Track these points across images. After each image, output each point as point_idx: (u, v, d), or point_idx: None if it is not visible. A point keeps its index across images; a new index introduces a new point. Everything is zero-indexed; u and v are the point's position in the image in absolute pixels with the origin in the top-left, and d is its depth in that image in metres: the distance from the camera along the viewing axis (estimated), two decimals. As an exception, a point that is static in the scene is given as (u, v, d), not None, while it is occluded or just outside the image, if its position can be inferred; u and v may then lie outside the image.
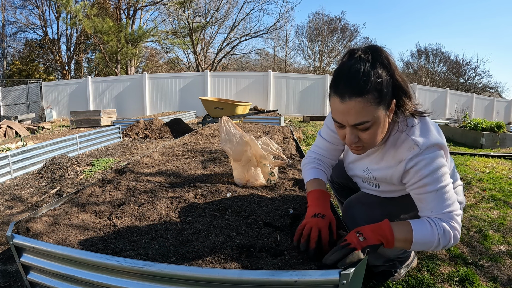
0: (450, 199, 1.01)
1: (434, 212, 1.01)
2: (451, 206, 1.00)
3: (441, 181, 1.00)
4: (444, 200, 1.00)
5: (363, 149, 1.04)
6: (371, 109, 0.92)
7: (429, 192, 1.01)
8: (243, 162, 1.68)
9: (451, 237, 0.99)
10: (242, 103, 6.90)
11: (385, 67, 0.94)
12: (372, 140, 1.00)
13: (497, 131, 5.55)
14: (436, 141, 1.02)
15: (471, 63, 23.62)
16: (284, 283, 0.86)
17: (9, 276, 1.42)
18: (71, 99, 11.64)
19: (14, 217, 2.17)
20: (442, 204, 1.00)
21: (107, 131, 5.02)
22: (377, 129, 0.97)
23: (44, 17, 18.31)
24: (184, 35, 17.78)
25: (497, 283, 1.39)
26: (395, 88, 0.97)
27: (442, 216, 1.00)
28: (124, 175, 1.98)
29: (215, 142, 3.06)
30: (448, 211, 1.00)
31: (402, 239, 0.99)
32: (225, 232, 1.18)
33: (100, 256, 0.99)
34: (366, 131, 0.97)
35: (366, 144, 1.01)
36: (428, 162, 1.00)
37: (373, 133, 0.98)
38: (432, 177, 1.00)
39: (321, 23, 21.79)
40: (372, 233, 0.99)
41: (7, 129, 6.62)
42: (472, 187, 2.78)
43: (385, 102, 0.94)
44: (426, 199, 1.03)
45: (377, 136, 1.00)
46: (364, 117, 0.93)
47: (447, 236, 0.98)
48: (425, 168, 1.00)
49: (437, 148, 1.02)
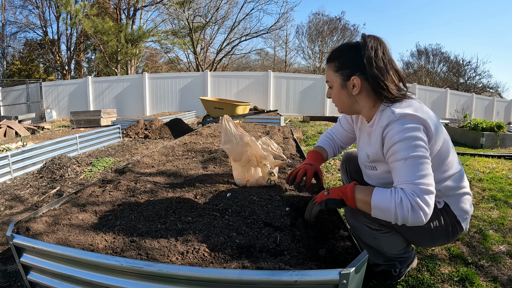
0: (420, 171, 0.99)
1: (400, 181, 1.02)
2: (419, 178, 0.98)
3: (412, 151, 1.01)
4: (412, 171, 1.00)
5: (336, 106, 1.29)
6: (331, 73, 1.22)
7: (398, 160, 1.03)
8: (243, 162, 1.68)
9: (408, 208, 0.96)
10: (242, 103, 6.90)
11: (360, 52, 1.13)
12: (334, 99, 1.26)
13: (497, 131, 5.55)
14: (413, 113, 1.06)
15: (471, 63, 23.63)
16: (284, 283, 0.86)
17: (9, 276, 1.42)
18: (71, 99, 11.64)
19: (14, 217, 2.17)
20: (409, 174, 1.00)
21: (107, 131, 5.02)
22: (335, 92, 1.23)
23: (44, 17, 18.33)
24: (184, 35, 17.77)
25: (497, 283, 1.38)
26: (363, 68, 1.13)
27: (406, 187, 0.99)
28: (124, 175, 1.98)
29: (215, 142, 3.06)
30: (413, 183, 0.98)
31: (362, 199, 1.07)
32: (225, 232, 1.18)
33: (100, 256, 0.99)
34: (330, 89, 1.25)
35: (333, 100, 1.27)
36: (400, 130, 1.04)
37: (333, 94, 1.25)
38: (403, 145, 1.03)
39: (321, 23, 21.81)
40: (336, 190, 1.16)
41: (7, 129, 6.62)
42: (472, 187, 2.78)
43: (342, 73, 1.18)
44: (395, 168, 1.05)
45: (336, 96, 1.24)
46: (327, 77, 1.25)
47: (404, 206, 0.96)
48: (396, 135, 1.04)
49: (414, 120, 1.05)
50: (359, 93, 1.17)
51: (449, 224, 1.20)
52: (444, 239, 1.23)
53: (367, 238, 1.23)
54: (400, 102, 1.13)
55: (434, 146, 1.11)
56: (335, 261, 1.04)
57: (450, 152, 1.19)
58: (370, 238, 1.22)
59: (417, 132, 1.03)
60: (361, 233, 1.23)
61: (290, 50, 22.89)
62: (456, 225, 1.20)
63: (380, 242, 1.22)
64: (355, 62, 1.14)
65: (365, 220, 1.20)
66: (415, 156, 1.01)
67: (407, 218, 0.97)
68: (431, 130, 1.08)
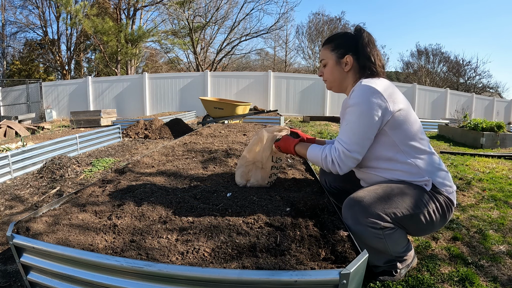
0: (352, 136, 1.27)
1: (338, 137, 1.34)
2: (348, 141, 1.28)
3: (356, 116, 1.26)
4: (347, 133, 1.29)
5: (326, 82, 1.50)
6: (327, 52, 1.45)
7: (345, 120, 1.31)
8: (250, 158, 1.68)
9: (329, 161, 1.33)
10: (242, 103, 6.89)
11: (344, 39, 1.43)
12: (328, 74, 1.46)
13: (497, 131, 5.55)
14: (374, 86, 1.25)
15: (471, 63, 23.65)
16: (284, 283, 0.86)
17: (9, 276, 1.42)
18: (71, 99, 11.64)
19: (14, 217, 2.17)
20: (344, 135, 1.30)
21: (107, 131, 5.02)
22: (329, 68, 1.45)
23: (44, 17, 18.34)
24: (184, 35, 17.77)
25: (497, 283, 1.38)
26: (356, 49, 1.40)
27: (337, 144, 1.32)
28: (124, 175, 1.98)
29: (215, 142, 3.06)
30: (342, 142, 1.30)
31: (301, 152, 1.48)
32: (225, 232, 1.18)
33: (100, 256, 0.99)
34: (324, 68, 1.47)
35: (325, 76, 1.48)
36: (357, 94, 1.27)
37: (327, 70, 1.46)
38: (353, 109, 1.27)
39: (321, 23, 21.81)
40: (283, 143, 1.54)
41: (7, 129, 6.62)
42: (472, 187, 2.78)
43: (338, 52, 1.42)
44: (341, 125, 1.38)
45: (330, 72, 1.45)
46: (322, 55, 1.48)
47: (327, 160, 1.34)
48: (352, 99, 1.29)
49: (373, 89, 1.25)
50: (349, 70, 1.41)
51: (442, 203, 1.28)
52: (442, 220, 1.31)
53: (372, 240, 1.21)
54: (372, 78, 1.33)
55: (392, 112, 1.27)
56: (335, 261, 1.04)
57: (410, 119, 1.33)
58: (375, 239, 1.21)
59: (372, 98, 1.24)
60: (365, 235, 1.20)
61: (290, 50, 22.94)
62: (448, 201, 1.30)
63: (385, 241, 1.21)
64: (349, 44, 1.41)
65: (367, 222, 1.18)
66: (355, 122, 1.26)
67: (328, 168, 1.35)
68: (383, 98, 1.25)
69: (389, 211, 1.20)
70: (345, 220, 1.25)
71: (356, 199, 1.23)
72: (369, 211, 1.19)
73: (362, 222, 1.19)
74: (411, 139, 1.30)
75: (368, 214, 1.18)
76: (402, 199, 1.23)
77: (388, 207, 1.20)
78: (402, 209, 1.22)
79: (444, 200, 1.29)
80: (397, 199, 1.22)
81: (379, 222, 1.18)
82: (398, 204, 1.21)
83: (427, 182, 1.28)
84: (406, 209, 1.22)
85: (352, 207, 1.23)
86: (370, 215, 1.18)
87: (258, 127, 4.23)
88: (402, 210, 1.22)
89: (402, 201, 1.22)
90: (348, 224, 1.23)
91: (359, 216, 1.19)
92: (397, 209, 1.21)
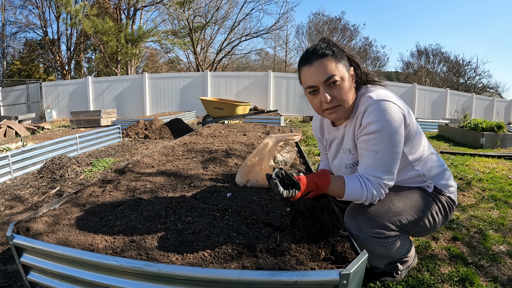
0: (387, 166, 1.10)
1: (367, 169, 1.12)
2: (384, 174, 1.11)
3: (385, 144, 1.07)
4: (380, 164, 1.10)
5: (339, 108, 1.14)
6: (333, 64, 1.09)
7: (369, 151, 1.10)
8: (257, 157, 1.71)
9: (376, 199, 1.14)
10: (242, 103, 6.89)
11: (336, 46, 1.15)
12: (344, 95, 1.11)
13: (497, 131, 5.54)
14: (389, 99, 1.09)
15: (471, 63, 23.54)
16: (284, 283, 0.86)
17: (9, 276, 1.42)
18: (71, 99, 11.64)
19: (14, 217, 2.17)
20: (377, 167, 1.11)
21: (107, 131, 5.02)
22: (343, 83, 1.10)
23: (44, 17, 18.33)
24: (184, 35, 17.77)
25: (497, 283, 1.38)
26: (349, 58, 1.17)
27: (373, 180, 1.12)
28: (124, 175, 1.98)
29: (215, 142, 3.06)
30: (379, 177, 1.11)
31: (335, 193, 1.15)
32: (225, 232, 1.18)
33: (100, 256, 0.99)
34: (335, 86, 1.10)
35: (340, 99, 1.11)
36: (377, 115, 1.07)
37: (342, 87, 1.10)
38: (380, 135, 1.07)
39: (321, 23, 21.82)
40: (310, 183, 1.10)
41: (7, 129, 6.62)
42: (472, 187, 2.78)
43: (342, 61, 1.12)
44: (364, 155, 1.13)
45: (347, 92, 1.11)
46: (330, 70, 1.09)
47: (374, 198, 1.13)
48: (375, 121, 1.07)
49: (392, 106, 1.08)
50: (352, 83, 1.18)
51: (444, 204, 1.28)
52: (444, 220, 1.31)
53: (376, 248, 1.20)
54: (373, 87, 1.18)
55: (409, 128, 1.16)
56: (335, 261, 1.04)
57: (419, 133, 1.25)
58: (380, 247, 1.19)
59: (394, 112, 1.07)
60: (370, 244, 1.18)
61: (290, 50, 22.90)
62: (449, 201, 1.29)
63: (390, 248, 1.20)
64: (342, 55, 1.14)
65: (372, 232, 1.16)
66: (386, 151, 1.08)
67: (372, 203, 1.16)
68: (407, 116, 1.13)
69: (394, 219, 1.18)
70: (348, 229, 1.21)
71: (359, 208, 1.20)
72: (374, 221, 1.16)
73: (366, 232, 1.16)
74: (417, 147, 1.23)
75: (373, 224, 1.16)
76: (406, 205, 1.21)
77: (392, 215, 1.18)
78: (407, 215, 1.20)
79: (446, 200, 1.28)
80: (402, 206, 1.20)
81: (385, 232, 1.16)
82: (403, 211, 1.19)
83: (429, 184, 1.27)
84: (411, 215, 1.20)
85: (355, 217, 1.20)
86: (376, 225, 1.15)
87: (258, 127, 4.23)
88: (407, 216, 1.19)
89: (406, 207, 1.20)
90: (351, 233, 1.19)
91: (363, 226, 1.17)
92: (402, 216, 1.19)
